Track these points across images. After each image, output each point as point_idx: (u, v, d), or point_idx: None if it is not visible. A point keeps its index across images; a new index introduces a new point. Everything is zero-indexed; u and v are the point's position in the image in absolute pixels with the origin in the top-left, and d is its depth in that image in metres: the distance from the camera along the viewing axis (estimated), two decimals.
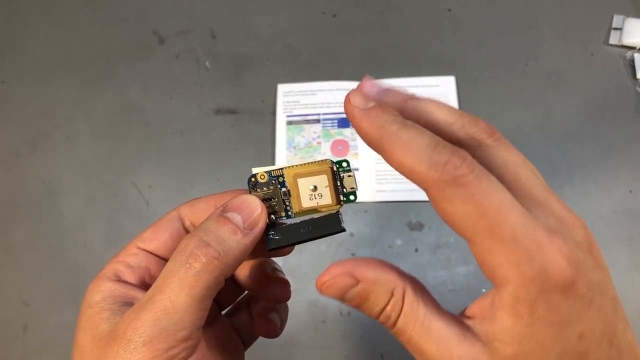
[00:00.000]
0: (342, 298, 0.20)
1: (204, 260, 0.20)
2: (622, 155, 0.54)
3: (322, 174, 0.22)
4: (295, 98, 0.59)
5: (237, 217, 0.22)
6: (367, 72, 0.59)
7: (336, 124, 0.57)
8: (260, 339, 0.29)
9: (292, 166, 0.22)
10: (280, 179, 0.23)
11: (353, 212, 0.54)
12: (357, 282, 0.20)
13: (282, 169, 0.23)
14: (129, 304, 0.22)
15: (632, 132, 0.55)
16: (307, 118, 0.58)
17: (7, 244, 0.55)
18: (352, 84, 0.58)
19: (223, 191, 0.25)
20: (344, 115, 0.57)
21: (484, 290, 0.49)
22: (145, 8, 0.65)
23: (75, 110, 0.61)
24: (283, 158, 0.56)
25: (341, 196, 0.22)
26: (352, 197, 0.23)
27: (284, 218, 0.23)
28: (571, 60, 0.58)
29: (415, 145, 0.18)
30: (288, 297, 0.27)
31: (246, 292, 0.30)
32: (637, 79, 0.56)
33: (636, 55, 0.57)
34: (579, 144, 0.55)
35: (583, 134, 0.55)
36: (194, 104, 0.60)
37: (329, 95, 0.58)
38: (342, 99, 0.20)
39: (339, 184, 0.22)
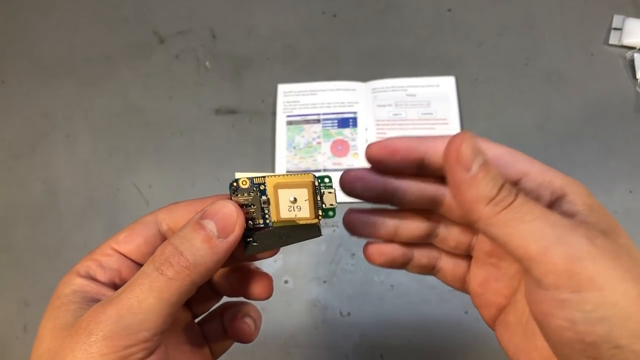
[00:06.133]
0: (471, 159, 0.21)
1: (175, 269, 0.21)
2: (622, 155, 0.54)
3: (303, 187, 0.22)
4: (295, 98, 0.59)
5: (210, 225, 0.22)
6: (367, 72, 0.59)
7: (336, 124, 0.57)
8: (245, 346, 0.29)
9: (275, 176, 0.23)
10: (262, 187, 0.23)
11: None
12: (484, 155, 0.21)
13: (264, 177, 0.23)
14: (97, 301, 0.22)
15: (632, 132, 0.55)
16: (307, 118, 0.58)
17: (7, 244, 0.55)
18: (352, 84, 0.58)
19: (204, 197, 0.25)
20: (344, 115, 0.57)
21: None
22: (145, 8, 0.65)
23: (75, 110, 0.61)
24: (283, 158, 0.56)
25: (320, 211, 0.23)
26: (330, 214, 0.23)
27: (262, 225, 0.24)
28: (571, 60, 0.58)
29: None
30: (271, 291, 0.27)
31: (221, 301, 0.30)
32: (637, 79, 0.56)
33: (636, 55, 0.57)
34: (579, 144, 0.55)
35: (583, 134, 0.55)
36: (194, 104, 0.60)
37: (329, 95, 0.58)
38: (342, 99, 0.21)
39: (319, 198, 0.22)
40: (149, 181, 0.57)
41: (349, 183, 0.25)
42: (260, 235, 0.24)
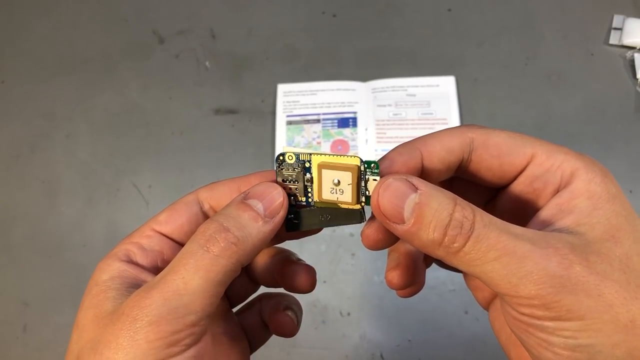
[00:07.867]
0: (399, 209, 0.20)
1: (222, 245, 0.20)
2: (622, 155, 0.54)
3: (347, 171, 0.21)
4: (295, 98, 0.59)
5: (258, 205, 0.21)
6: (367, 72, 0.59)
7: (336, 124, 0.57)
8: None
9: (321, 154, 0.22)
10: (307, 165, 0.22)
11: None
12: (416, 189, 0.20)
13: (310, 154, 0.22)
14: (137, 286, 0.21)
15: (632, 132, 0.55)
16: (307, 118, 0.58)
17: (7, 244, 0.55)
18: (352, 84, 0.58)
19: (246, 175, 0.25)
20: (344, 115, 0.57)
21: None
22: (145, 8, 0.65)
23: (75, 110, 0.61)
24: None
25: (362, 197, 0.22)
26: None
27: (303, 203, 0.23)
28: (571, 60, 0.58)
29: None
30: (314, 284, 0.26)
31: (258, 291, 0.29)
32: (637, 79, 0.56)
33: (636, 55, 0.57)
34: (579, 144, 0.55)
35: (583, 134, 0.55)
36: (194, 104, 0.60)
37: (329, 95, 0.58)
38: (342, 99, 0.21)
39: (362, 184, 0.21)
40: (148, 181, 0.57)
41: (373, 247, 0.24)
42: (302, 212, 0.23)
